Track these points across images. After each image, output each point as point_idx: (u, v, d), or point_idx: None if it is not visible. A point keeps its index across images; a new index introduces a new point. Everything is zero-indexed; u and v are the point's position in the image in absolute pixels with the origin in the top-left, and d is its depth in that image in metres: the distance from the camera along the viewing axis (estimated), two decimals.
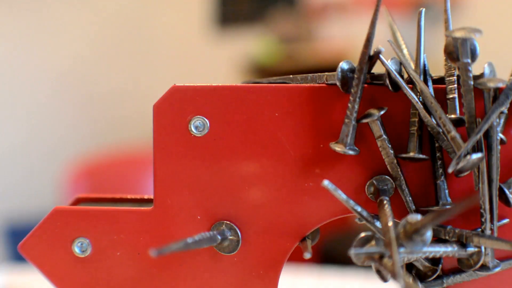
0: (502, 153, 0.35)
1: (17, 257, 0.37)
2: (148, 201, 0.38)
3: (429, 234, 0.30)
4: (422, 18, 0.35)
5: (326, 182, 0.31)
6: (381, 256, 0.30)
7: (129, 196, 0.40)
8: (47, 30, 2.23)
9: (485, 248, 0.34)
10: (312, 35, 1.86)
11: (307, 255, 0.32)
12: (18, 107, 2.22)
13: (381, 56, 0.33)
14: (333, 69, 0.34)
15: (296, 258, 0.37)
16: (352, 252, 0.30)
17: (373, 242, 0.31)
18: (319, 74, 0.35)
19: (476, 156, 0.31)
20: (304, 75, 0.36)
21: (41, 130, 2.19)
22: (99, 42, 2.24)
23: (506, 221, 0.35)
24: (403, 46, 0.38)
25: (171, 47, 2.21)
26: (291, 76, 0.36)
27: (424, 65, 0.34)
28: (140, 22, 2.24)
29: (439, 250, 0.32)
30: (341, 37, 1.75)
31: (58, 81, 2.21)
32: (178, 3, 2.21)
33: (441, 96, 0.34)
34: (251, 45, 2.01)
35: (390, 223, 0.31)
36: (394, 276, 0.28)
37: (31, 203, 2.02)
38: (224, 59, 2.04)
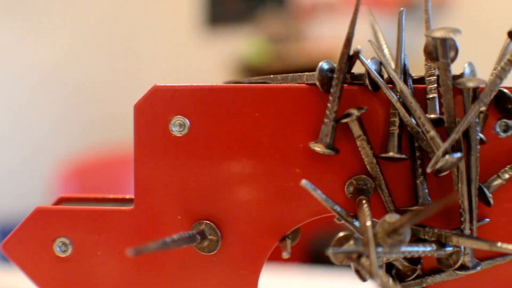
0: (482, 153, 0.35)
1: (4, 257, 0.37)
2: (130, 201, 0.38)
3: (407, 233, 0.30)
4: (403, 18, 0.35)
5: (304, 182, 0.31)
6: (359, 256, 0.30)
7: (111, 196, 0.40)
8: (37, 29, 2.22)
9: (464, 248, 0.34)
10: (302, 35, 1.86)
11: (286, 255, 0.32)
12: (6, 107, 2.21)
13: (361, 56, 0.33)
14: None
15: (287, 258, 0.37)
16: (330, 251, 0.30)
17: (351, 242, 0.31)
18: (299, 74, 0.35)
19: (455, 156, 0.31)
20: (285, 75, 0.36)
21: (30, 130, 2.18)
22: (89, 42, 2.24)
23: (486, 221, 0.35)
24: (384, 46, 0.38)
25: (161, 47, 2.20)
26: (271, 76, 0.36)
27: (405, 64, 0.34)
28: (129, 21, 2.24)
29: (418, 249, 0.32)
30: (330, 37, 1.75)
31: (48, 80, 2.20)
32: (168, 3, 2.20)
33: (422, 96, 0.34)
34: (241, 45, 2.01)
35: (369, 223, 0.31)
36: (371, 275, 0.29)
37: (20, 203, 2.01)
38: (214, 59, 2.04)
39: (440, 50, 0.32)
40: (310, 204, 0.34)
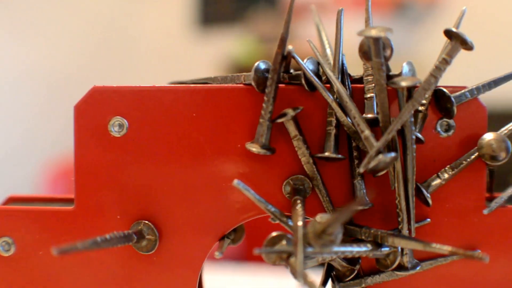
0: (423, 153, 0.35)
1: None
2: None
3: (338, 233, 0.30)
4: (342, 18, 0.35)
5: (236, 182, 0.31)
6: (289, 256, 0.30)
7: (60, 196, 0.40)
8: (30, 29, 2.22)
9: (402, 248, 0.34)
10: (292, 35, 1.85)
11: (218, 255, 0.32)
12: None
13: (295, 55, 0.33)
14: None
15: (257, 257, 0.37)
16: (260, 251, 0.30)
17: (284, 242, 0.31)
18: (238, 74, 0.35)
19: (388, 155, 0.31)
20: (225, 75, 0.36)
21: (19, 130, 2.18)
22: (82, 42, 2.24)
23: (427, 221, 0.35)
24: (327, 46, 0.38)
25: (153, 47, 2.20)
26: (212, 76, 0.36)
27: (343, 64, 0.34)
28: (121, 21, 2.24)
29: (352, 250, 0.32)
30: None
31: (38, 80, 2.20)
32: (160, 4, 2.21)
33: (361, 96, 0.34)
34: (232, 45, 2.01)
35: (300, 223, 0.30)
36: (296, 275, 0.28)
37: None
38: (206, 59, 2.04)
39: (373, 49, 0.31)
40: (248, 204, 0.34)
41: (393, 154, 0.31)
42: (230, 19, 2.06)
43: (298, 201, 0.32)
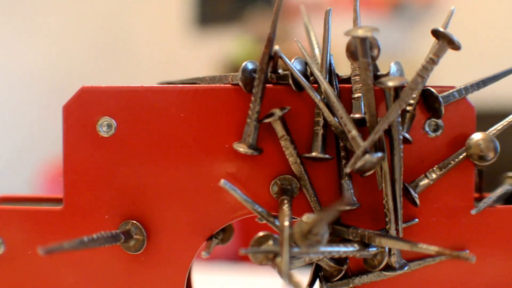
0: (411, 153, 0.35)
1: None
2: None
3: (324, 233, 0.30)
4: (329, 18, 0.35)
5: (223, 182, 0.31)
6: (276, 256, 0.30)
7: (49, 196, 0.40)
8: (26, 30, 2.22)
9: (389, 249, 0.34)
10: (289, 34, 1.86)
11: (204, 255, 0.32)
12: None
13: (282, 55, 0.33)
14: None
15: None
16: (246, 251, 0.30)
17: (270, 242, 0.31)
18: (226, 74, 0.35)
19: (375, 155, 0.31)
20: (213, 75, 0.36)
21: (17, 131, 2.18)
22: (78, 43, 2.24)
23: (415, 221, 0.35)
24: (315, 46, 0.38)
25: (151, 47, 2.20)
26: (201, 76, 0.36)
27: (330, 64, 0.34)
28: (119, 21, 2.24)
29: (339, 250, 0.32)
30: (317, 37, 1.74)
31: (35, 80, 2.20)
32: (157, 4, 2.21)
33: (349, 96, 0.34)
34: (230, 44, 2.01)
35: (286, 223, 0.30)
36: (281, 275, 0.28)
37: None
38: (203, 59, 2.04)
39: (360, 49, 0.31)
40: (235, 205, 0.34)
41: (380, 154, 0.31)
42: (227, 19, 2.06)
43: (285, 201, 0.32)
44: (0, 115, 2.18)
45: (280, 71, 0.35)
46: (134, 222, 0.34)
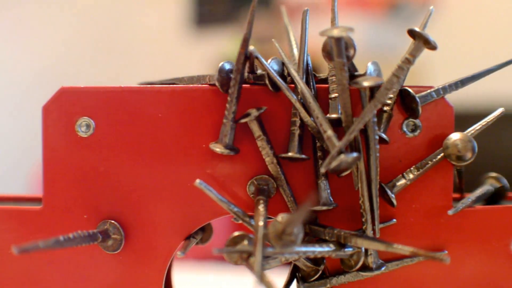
0: (387, 153, 0.35)
1: None
2: None
3: (299, 234, 0.30)
4: (307, 18, 0.35)
5: (198, 182, 0.31)
6: (250, 255, 0.30)
7: (29, 195, 0.40)
8: (24, 29, 2.22)
9: (366, 249, 0.34)
10: (286, 35, 1.86)
11: (179, 254, 0.33)
12: None
13: (258, 55, 0.33)
14: None
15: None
16: (220, 250, 0.30)
17: (245, 241, 0.31)
18: (204, 75, 0.35)
19: (350, 155, 0.31)
20: (191, 76, 0.36)
21: (13, 131, 2.18)
22: (76, 42, 2.24)
23: (393, 221, 0.35)
24: (294, 46, 0.38)
25: (148, 47, 2.20)
26: (179, 77, 0.36)
27: (307, 64, 0.34)
28: (116, 21, 2.24)
29: (314, 250, 0.32)
30: (314, 37, 1.74)
31: (33, 79, 2.20)
32: (154, 4, 2.21)
33: (326, 96, 0.34)
34: (227, 44, 2.01)
35: (261, 223, 0.31)
36: (255, 274, 0.29)
37: None
38: (200, 59, 2.04)
39: (335, 49, 0.31)
40: (213, 204, 0.34)
41: (355, 154, 0.31)
42: (224, 19, 2.06)
43: (261, 201, 0.32)
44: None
45: (258, 71, 0.35)
46: (112, 221, 0.35)
